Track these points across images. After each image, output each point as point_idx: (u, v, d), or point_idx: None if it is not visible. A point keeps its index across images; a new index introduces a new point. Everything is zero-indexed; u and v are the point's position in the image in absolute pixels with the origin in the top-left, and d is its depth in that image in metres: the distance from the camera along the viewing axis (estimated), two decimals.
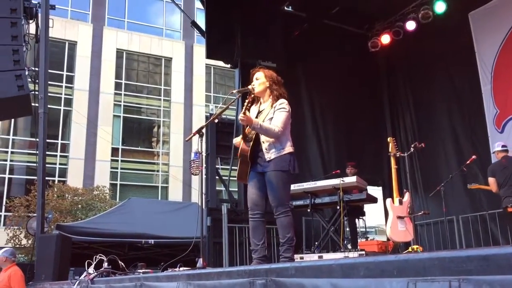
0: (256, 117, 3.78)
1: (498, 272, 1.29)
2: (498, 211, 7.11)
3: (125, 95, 25.04)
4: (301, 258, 5.56)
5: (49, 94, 8.21)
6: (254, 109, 3.90)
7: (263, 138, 3.71)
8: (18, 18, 6.27)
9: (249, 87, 3.83)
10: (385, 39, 9.60)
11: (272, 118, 3.68)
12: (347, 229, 6.99)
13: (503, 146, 6.70)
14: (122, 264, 5.41)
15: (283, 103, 3.72)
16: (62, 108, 23.25)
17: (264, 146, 3.68)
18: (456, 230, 8.12)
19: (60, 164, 22.61)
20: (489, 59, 8.29)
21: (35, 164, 8.29)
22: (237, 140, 3.86)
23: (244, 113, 3.51)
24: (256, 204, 3.72)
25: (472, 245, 7.85)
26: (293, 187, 5.84)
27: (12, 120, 20.86)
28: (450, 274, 1.41)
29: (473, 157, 7.02)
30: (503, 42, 8.12)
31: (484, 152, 7.81)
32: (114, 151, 23.93)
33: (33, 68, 7.58)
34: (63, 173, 22.60)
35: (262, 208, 3.73)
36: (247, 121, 3.53)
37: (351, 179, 6.02)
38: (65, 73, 23.66)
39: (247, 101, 3.73)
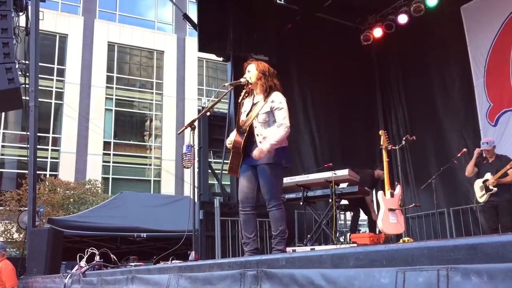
0: (251, 109, 3.77)
1: (485, 261, 1.31)
2: None
3: (117, 88, 24.89)
4: (294, 250, 5.58)
5: (40, 88, 8.16)
6: (248, 102, 3.88)
7: (257, 131, 3.69)
8: (8, 10, 6.22)
9: (242, 79, 3.82)
10: (377, 32, 9.59)
11: (267, 112, 3.67)
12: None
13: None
14: (114, 257, 5.41)
15: (277, 100, 3.69)
16: (53, 101, 23.09)
17: (258, 139, 3.67)
18: (447, 222, 8.18)
19: (51, 158, 22.49)
20: (482, 52, 8.29)
21: (26, 158, 8.25)
22: (230, 140, 3.83)
23: (257, 154, 3.51)
24: (247, 197, 3.72)
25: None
26: (286, 180, 5.85)
27: (3, 113, 20.69)
28: (438, 263, 1.42)
29: (464, 150, 7.08)
30: (497, 36, 8.11)
31: (474, 145, 7.83)
32: (106, 145, 23.82)
33: (24, 61, 7.52)
34: (55, 167, 22.47)
35: (252, 201, 3.73)
36: (259, 156, 3.52)
37: (343, 172, 6.03)
38: (56, 66, 23.47)
39: (243, 92, 3.73)
